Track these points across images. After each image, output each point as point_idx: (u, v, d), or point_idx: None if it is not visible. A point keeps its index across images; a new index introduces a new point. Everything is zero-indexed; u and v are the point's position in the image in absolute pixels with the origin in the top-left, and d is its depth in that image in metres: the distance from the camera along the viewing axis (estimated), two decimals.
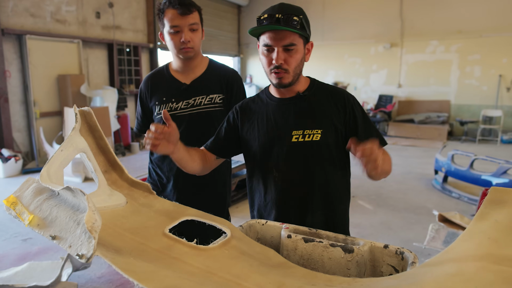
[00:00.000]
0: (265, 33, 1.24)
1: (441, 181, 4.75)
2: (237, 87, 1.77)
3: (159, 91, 1.73)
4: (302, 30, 1.23)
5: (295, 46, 1.24)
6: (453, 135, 9.06)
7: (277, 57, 1.23)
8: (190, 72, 1.72)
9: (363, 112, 1.36)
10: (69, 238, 0.94)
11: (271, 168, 1.35)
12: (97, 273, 2.76)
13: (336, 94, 1.35)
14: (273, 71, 1.26)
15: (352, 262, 1.05)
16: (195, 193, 1.76)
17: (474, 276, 0.75)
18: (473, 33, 8.65)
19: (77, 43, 6.73)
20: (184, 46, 1.61)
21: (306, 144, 1.30)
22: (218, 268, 0.95)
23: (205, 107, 1.71)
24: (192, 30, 1.61)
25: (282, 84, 1.28)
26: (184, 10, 1.57)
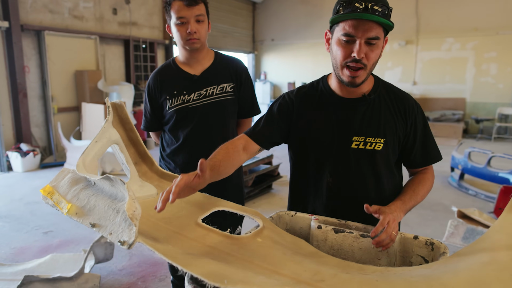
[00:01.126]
0: (347, 21, 1.10)
1: (457, 178, 4.71)
2: (245, 75, 1.81)
3: (169, 85, 1.74)
4: (390, 22, 1.11)
5: (378, 40, 1.11)
6: (468, 133, 8.94)
7: (359, 50, 1.09)
8: (198, 64, 1.74)
9: (425, 124, 1.28)
10: (109, 225, 0.97)
11: (324, 171, 1.26)
12: (119, 266, 2.82)
13: (402, 100, 1.26)
14: (349, 65, 1.13)
15: (383, 252, 1.07)
16: (211, 186, 1.73)
17: (509, 264, 0.76)
18: (489, 30, 8.52)
19: (94, 39, 6.82)
20: (191, 37, 1.62)
21: (367, 152, 1.22)
22: (253, 256, 0.97)
23: (217, 96, 1.73)
24: (198, 22, 1.63)
25: (355, 83, 1.16)
26: (190, 1, 1.59)
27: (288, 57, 11.22)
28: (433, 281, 0.80)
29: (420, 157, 1.28)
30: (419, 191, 1.22)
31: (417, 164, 1.29)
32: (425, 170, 1.31)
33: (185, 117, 1.72)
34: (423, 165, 1.29)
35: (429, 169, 1.32)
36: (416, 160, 1.28)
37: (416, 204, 1.21)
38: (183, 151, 1.76)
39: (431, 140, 1.29)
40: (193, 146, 1.74)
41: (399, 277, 0.86)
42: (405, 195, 1.20)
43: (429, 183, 1.28)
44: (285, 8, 10.96)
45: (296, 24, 10.82)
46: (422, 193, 1.23)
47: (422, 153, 1.27)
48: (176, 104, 1.72)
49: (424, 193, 1.24)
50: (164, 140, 1.85)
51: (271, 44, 11.44)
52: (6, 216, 3.84)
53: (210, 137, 1.74)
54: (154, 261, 2.87)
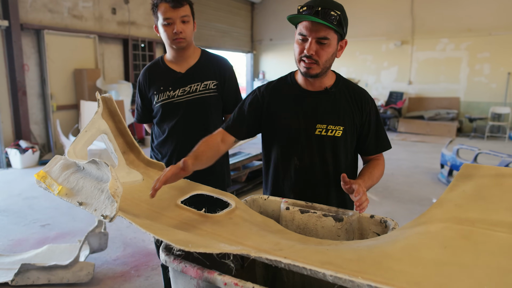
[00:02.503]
0: (302, 23, 1.29)
1: (446, 174, 4.82)
2: (229, 73, 1.91)
3: (157, 81, 1.85)
4: (338, 26, 1.26)
5: (328, 40, 1.27)
6: (462, 132, 9.05)
7: (308, 47, 1.27)
8: (184, 61, 1.84)
9: (378, 117, 1.46)
10: (94, 203, 1.09)
11: (292, 156, 1.42)
12: (113, 256, 2.93)
13: (359, 94, 1.43)
14: (303, 59, 1.31)
15: (342, 229, 1.19)
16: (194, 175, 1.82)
17: (439, 233, 0.88)
18: (482, 31, 8.65)
19: (93, 38, 6.94)
20: (177, 37, 1.73)
21: (329, 138, 1.38)
22: (222, 231, 1.09)
23: (200, 93, 1.84)
24: (183, 22, 1.73)
25: (309, 74, 1.33)
26: (175, 3, 1.69)
27: (286, 56, 11.33)
28: (374, 248, 0.92)
29: (373, 145, 1.44)
30: (374, 173, 1.38)
31: (370, 151, 1.46)
32: (378, 157, 1.48)
33: (170, 111, 1.84)
34: (375, 152, 1.46)
35: (381, 157, 1.49)
36: (370, 148, 1.45)
37: (372, 185, 1.36)
38: (168, 143, 1.88)
39: (383, 131, 1.47)
40: (176, 138, 1.86)
41: (347, 247, 0.98)
42: (364, 176, 1.35)
43: (382, 168, 1.44)
44: (283, 8, 11.07)
45: None
46: (377, 176, 1.39)
47: (375, 142, 1.44)
48: (163, 99, 1.84)
49: (378, 175, 1.40)
50: (153, 132, 1.98)
51: (270, 43, 11.55)
52: (4, 210, 3.95)
53: (193, 130, 1.85)
54: (147, 252, 2.99)
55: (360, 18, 9.60)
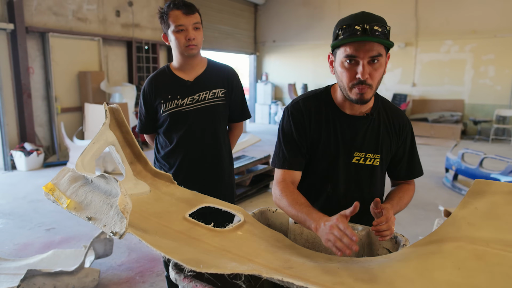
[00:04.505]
0: (347, 45, 1.13)
1: (451, 179, 4.79)
2: (236, 82, 1.92)
3: (164, 90, 1.84)
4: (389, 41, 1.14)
5: (381, 58, 1.13)
6: (466, 134, 9.01)
7: (363, 71, 1.12)
8: (192, 70, 1.84)
9: (413, 141, 1.39)
10: (103, 218, 1.09)
11: (326, 181, 1.34)
12: (118, 261, 2.93)
13: (397, 118, 1.35)
14: (356, 87, 1.15)
15: None
16: (204, 186, 1.79)
17: (452, 253, 0.87)
18: (487, 33, 8.60)
19: (97, 41, 6.96)
20: (190, 44, 1.73)
21: (367, 167, 1.32)
22: (231, 247, 1.08)
23: (209, 101, 1.84)
24: (195, 29, 1.74)
25: (363, 100, 1.18)
26: (188, 10, 1.71)
27: (289, 58, 11.32)
28: (387, 268, 0.91)
29: (405, 170, 1.39)
30: (404, 199, 1.33)
31: (401, 177, 1.41)
32: (409, 181, 1.42)
33: (178, 120, 1.83)
34: (407, 178, 1.41)
35: (412, 181, 1.43)
36: (401, 173, 1.40)
37: (400, 210, 1.30)
38: (176, 153, 1.87)
39: (417, 157, 1.41)
40: (185, 148, 1.85)
41: (358, 265, 0.97)
42: (393, 200, 1.29)
43: (412, 194, 1.39)
44: (286, 10, 11.06)
45: (297, 25, 10.92)
46: (406, 201, 1.34)
47: (407, 167, 1.39)
48: (170, 108, 1.83)
49: (407, 201, 1.34)
50: (158, 143, 1.95)
51: (273, 45, 11.54)
52: (10, 213, 3.97)
53: (202, 140, 1.85)
54: (152, 257, 2.99)
55: None
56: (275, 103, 11.42)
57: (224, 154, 1.93)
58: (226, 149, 1.95)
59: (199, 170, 1.87)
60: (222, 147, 1.91)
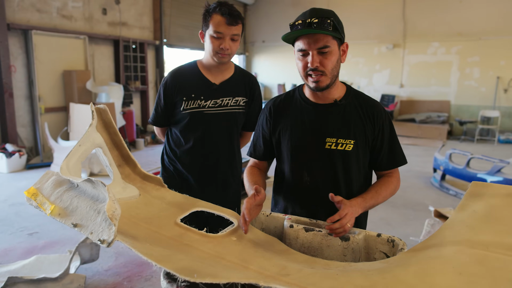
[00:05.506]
0: (299, 39, 1.26)
1: (439, 179, 4.84)
2: (258, 92, 1.91)
3: (188, 87, 1.78)
4: (335, 31, 1.24)
5: (329, 48, 1.24)
6: (452, 135, 9.16)
7: (312, 60, 1.24)
8: (219, 73, 1.80)
9: (392, 130, 1.39)
10: (90, 225, 1.03)
11: (302, 171, 1.37)
12: (104, 266, 2.85)
13: (371, 106, 1.37)
14: (309, 74, 1.27)
15: (348, 249, 1.15)
16: (212, 194, 1.80)
17: (452, 258, 0.85)
18: (472, 35, 8.78)
19: (83, 39, 6.81)
20: (222, 53, 1.68)
21: (339, 152, 1.33)
22: (226, 253, 1.04)
23: (231, 108, 1.81)
24: (233, 40, 1.68)
25: (319, 87, 1.28)
26: (231, 20, 1.63)
27: (279, 58, 11.32)
28: (386, 274, 0.88)
29: (386, 160, 1.38)
30: (381, 192, 1.33)
31: (383, 167, 1.40)
32: (391, 174, 1.41)
33: (198, 121, 1.78)
34: (389, 168, 1.40)
35: (395, 173, 1.41)
36: (383, 163, 1.39)
37: (377, 204, 1.32)
38: (192, 154, 1.82)
39: (397, 145, 1.40)
40: (200, 150, 1.81)
41: (357, 271, 0.94)
42: (368, 194, 1.31)
43: (393, 186, 1.37)
44: (276, 10, 11.05)
45: (286, 26, 10.53)
46: (384, 195, 1.33)
47: (388, 156, 1.38)
48: (192, 107, 1.77)
49: (386, 194, 1.34)
50: (171, 138, 1.89)
51: (262, 45, 11.53)
52: None
53: (217, 145, 1.82)
54: (140, 261, 2.92)
55: (352, 22, 9.62)
56: (265, 103, 11.39)
57: (236, 161, 1.91)
58: (238, 157, 1.94)
59: (210, 174, 1.84)
60: (236, 154, 1.90)
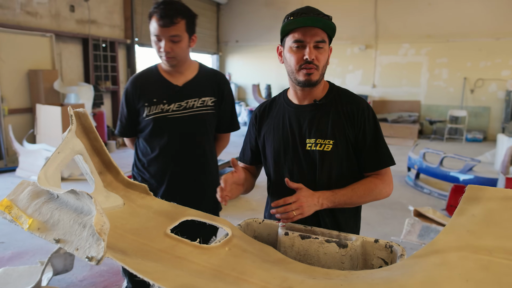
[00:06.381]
0: (295, 31, 1.23)
1: (413, 177, 4.97)
2: (228, 90, 1.81)
3: (149, 92, 1.70)
4: (333, 30, 1.25)
5: (324, 44, 1.24)
6: (423, 134, 9.47)
7: (309, 52, 1.21)
8: (181, 75, 1.72)
9: (376, 129, 1.32)
10: (75, 241, 0.95)
11: (285, 173, 1.35)
12: (79, 277, 2.72)
13: (351, 104, 1.32)
14: (303, 67, 1.24)
15: (346, 256, 1.13)
16: (186, 198, 1.68)
17: (457, 264, 0.84)
18: (441, 37, 9.12)
19: (49, 37, 6.50)
20: (165, 56, 1.61)
21: (318, 152, 1.30)
22: (223, 265, 0.99)
23: (197, 109, 1.72)
24: (173, 42, 1.59)
25: (311, 81, 1.25)
26: (165, 22, 1.55)
27: (253, 58, 11.30)
28: (393, 283, 0.86)
29: (370, 161, 1.30)
30: (358, 191, 1.27)
31: (368, 168, 1.31)
32: (378, 176, 1.31)
33: (162, 126, 1.69)
34: (374, 169, 1.31)
35: (383, 176, 1.31)
36: (367, 164, 1.31)
37: (350, 203, 1.27)
38: (159, 162, 1.73)
39: (382, 145, 1.31)
40: (168, 157, 1.71)
41: (361, 280, 0.92)
42: (342, 190, 1.26)
43: (375, 188, 1.29)
44: (249, 10, 11.03)
45: (260, 26, 10.92)
46: (361, 195, 1.27)
47: (373, 157, 1.30)
48: (154, 112, 1.68)
49: (363, 195, 1.27)
50: (138, 149, 1.80)
51: (236, 45, 11.46)
52: None
53: (187, 150, 1.72)
54: (117, 270, 2.80)
55: None
56: (239, 104, 11.35)
57: (210, 166, 1.81)
58: (213, 161, 1.83)
59: (181, 182, 1.74)
60: (208, 159, 1.79)
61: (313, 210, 1.22)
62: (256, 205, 4.46)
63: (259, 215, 4.37)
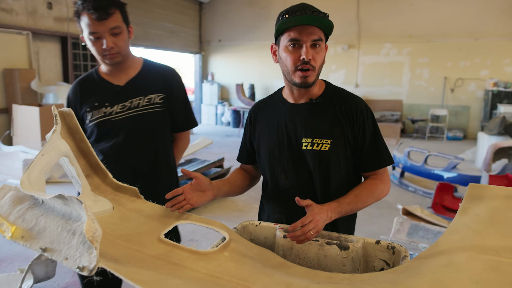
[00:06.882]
0: (291, 29, 1.18)
1: (398, 176, 5.03)
2: (178, 85, 1.68)
3: (90, 97, 1.59)
4: (330, 28, 1.22)
5: (321, 43, 1.21)
6: (405, 133, 9.63)
7: (306, 52, 1.17)
8: (122, 73, 1.61)
9: (375, 128, 1.30)
10: (64, 249, 0.88)
11: (280, 174, 1.32)
12: (61, 283, 2.62)
13: (349, 103, 1.29)
14: (300, 68, 1.20)
15: (348, 258, 1.10)
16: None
17: (465, 266, 0.82)
18: (422, 37, 9.29)
19: (26, 35, 6.27)
20: (108, 53, 1.49)
21: (315, 152, 1.26)
22: (222, 272, 0.95)
23: (144, 108, 1.59)
24: (114, 34, 1.48)
25: (307, 83, 1.21)
26: (100, 14, 1.42)
27: (236, 58, 11.23)
28: (400, 286, 0.84)
29: (369, 160, 1.29)
30: (362, 196, 1.25)
31: (367, 167, 1.30)
32: (377, 176, 1.31)
33: (107, 131, 1.58)
34: (373, 168, 1.30)
35: (382, 175, 1.31)
36: (366, 164, 1.30)
37: (355, 209, 1.25)
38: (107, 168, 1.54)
39: (381, 144, 1.30)
40: (117, 163, 1.54)
41: (367, 284, 0.89)
42: (346, 198, 1.23)
43: (377, 190, 1.28)
44: (232, 9, 10.95)
45: (243, 25, 10.86)
46: (364, 199, 1.25)
47: (372, 156, 1.28)
48: (97, 117, 1.57)
49: (367, 199, 1.26)
50: None
51: (218, 45, 11.37)
52: None
53: (136, 153, 1.60)
54: None
55: None
56: (222, 104, 11.27)
57: (163, 171, 1.67)
58: (168, 166, 1.69)
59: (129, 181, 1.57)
60: (161, 163, 1.66)
61: (325, 224, 1.16)
62: (242, 206, 4.41)
63: (246, 215, 4.33)
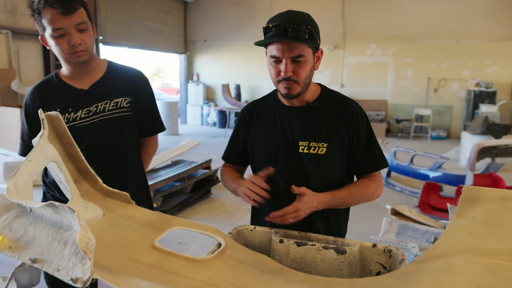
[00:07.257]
0: (272, 44, 1.20)
1: (385, 176, 5.09)
2: (145, 87, 1.63)
3: (51, 102, 1.50)
4: (310, 39, 1.19)
5: (303, 57, 1.19)
6: (390, 132, 9.77)
7: (285, 70, 1.19)
8: (86, 76, 1.53)
9: (370, 132, 1.34)
10: (55, 260, 0.85)
11: (276, 177, 1.31)
12: None
13: (345, 107, 1.32)
14: (281, 82, 1.23)
15: (345, 262, 1.09)
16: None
17: (464, 269, 0.82)
18: (406, 38, 9.46)
19: (5, 34, 6.09)
20: (75, 50, 1.41)
21: (311, 155, 1.28)
22: (220, 280, 0.92)
23: (110, 113, 1.53)
24: (81, 31, 1.40)
25: (290, 95, 1.25)
26: (66, 8, 1.34)
27: (221, 58, 11.20)
28: None
29: (364, 163, 1.32)
30: (355, 193, 1.28)
31: (362, 170, 1.34)
32: (371, 177, 1.34)
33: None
34: (368, 171, 1.34)
35: (375, 177, 1.35)
36: (362, 167, 1.33)
37: (346, 204, 1.29)
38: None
39: (376, 147, 1.34)
40: None
41: None
42: (340, 192, 1.26)
43: (370, 190, 1.31)
44: (217, 9, 10.91)
45: (229, 25, 10.83)
46: (357, 197, 1.29)
47: (367, 159, 1.32)
48: None
49: (359, 197, 1.29)
50: None
51: (204, 45, 11.30)
52: None
53: (104, 160, 1.51)
54: None
55: None
56: (207, 104, 11.21)
57: (131, 178, 1.60)
58: (136, 172, 1.63)
59: None
60: (129, 169, 1.59)
61: (308, 213, 1.20)
62: (230, 207, 4.39)
63: (234, 217, 4.31)
